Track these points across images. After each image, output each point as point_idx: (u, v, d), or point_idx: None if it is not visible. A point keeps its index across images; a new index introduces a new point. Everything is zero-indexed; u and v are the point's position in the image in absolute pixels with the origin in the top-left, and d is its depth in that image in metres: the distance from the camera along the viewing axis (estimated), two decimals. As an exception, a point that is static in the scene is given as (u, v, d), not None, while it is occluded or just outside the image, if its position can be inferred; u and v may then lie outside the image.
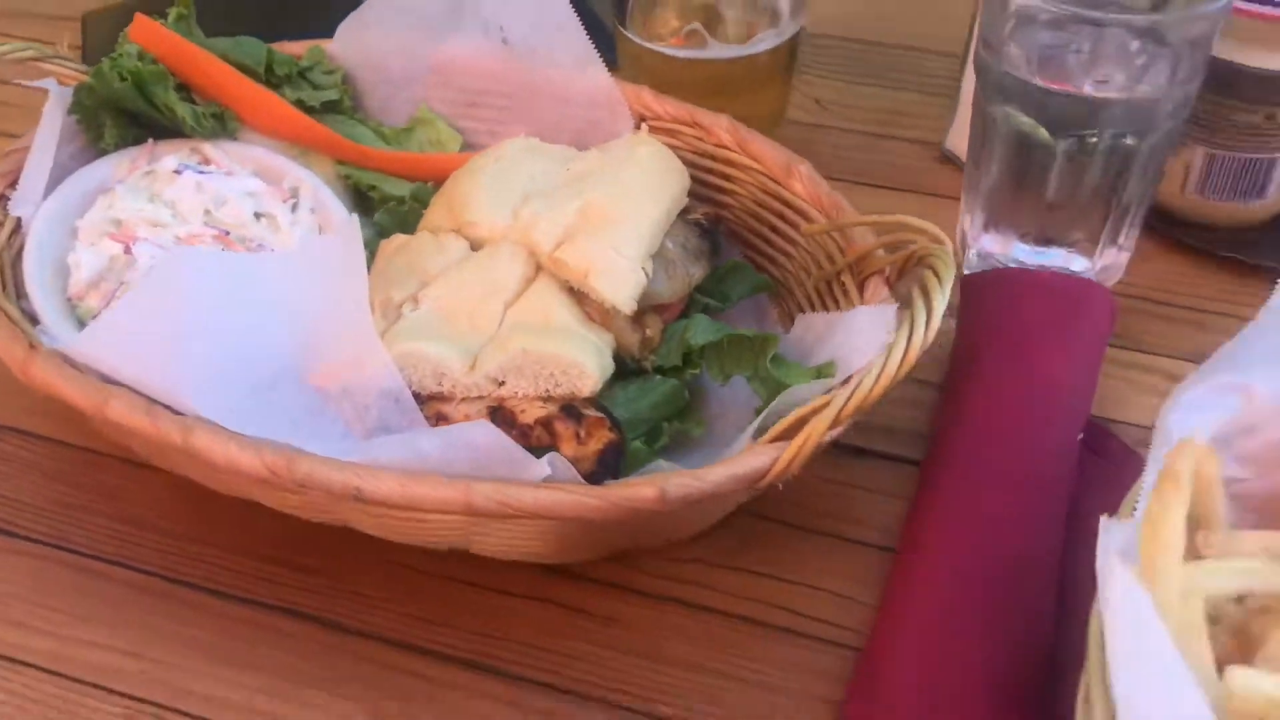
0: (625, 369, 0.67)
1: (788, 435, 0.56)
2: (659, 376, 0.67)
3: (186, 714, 0.58)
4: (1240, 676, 0.39)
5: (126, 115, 0.78)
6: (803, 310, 0.72)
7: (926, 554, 0.60)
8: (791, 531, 0.66)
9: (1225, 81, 0.75)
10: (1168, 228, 0.83)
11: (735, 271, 0.74)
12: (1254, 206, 0.80)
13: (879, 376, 0.55)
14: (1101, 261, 0.78)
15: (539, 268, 0.67)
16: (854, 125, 0.96)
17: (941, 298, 0.57)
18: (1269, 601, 0.46)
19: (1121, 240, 0.78)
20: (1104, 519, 0.42)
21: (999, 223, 0.80)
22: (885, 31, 1.06)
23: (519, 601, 0.63)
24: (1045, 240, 0.78)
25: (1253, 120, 0.76)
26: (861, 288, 0.67)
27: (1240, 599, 0.48)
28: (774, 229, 0.75)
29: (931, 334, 0.56)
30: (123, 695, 0.59)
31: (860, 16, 1.07)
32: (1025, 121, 0.72)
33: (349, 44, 0.84)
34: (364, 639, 0.61)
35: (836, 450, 0.69)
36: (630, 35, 0.83)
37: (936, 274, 0.59)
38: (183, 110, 0.76)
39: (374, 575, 0.64)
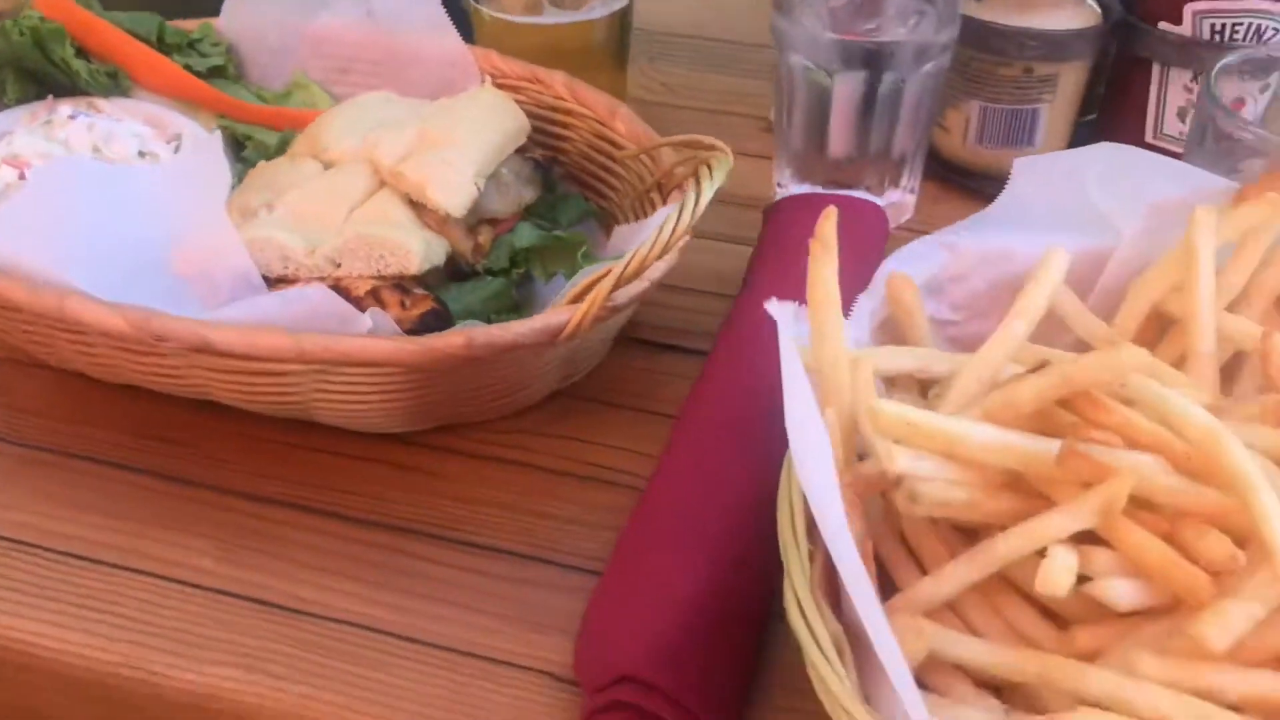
0: (461, 273, 0.77)
1: (581, 299, 0.66)
2: (490, 277, 0.77)
3: (61, 551, 0.67)
4: (883, 403, 0.49)
5: (28, 74, 0.87)
6: (621, 229, 0.82)
7: (692, 420, 0.69)
8: (604, 407, 0.76)
9: (987, 39, 0.87)
10: (954, 176, 0.95)
11: (566, 200, 0.84)
12: (1025, 154, 0.92)
13: (653, 245, 0.65)
14: (887, 201, 0.89)
15: (382, 183, 0.77)
16: (696, 104, 1.07)
17: (710, 184, 0.68)
18: (942, 389, 0.57)
19: (904, 183, 0.90)
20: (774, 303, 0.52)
21: (803, 173, 0.91)
22: (733, 30, 1.18)
23: (356, 462, 0.71)
24: (844, 186, 0.89)
25: (1013, 74, 0.88)
26: (666, 201, 0.78)
27: (926, 391, 0.58)
28: (603, 167, 0.86)
29: (700, 208, 0.67)
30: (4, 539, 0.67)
31: (711, 18, 1.20)
32: (813, 69, 0.84)
33: (233, 18, 0.94)
34: (219, 493, 0.70)
35: (646, 346, 0.80)
36: (481, 8, 0.95)
37: (710, 168, 0.69)
38: (78, 65, 0.86)
39: (231, 444, 0.72)
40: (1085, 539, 0.48)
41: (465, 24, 0.94)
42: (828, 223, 0.50)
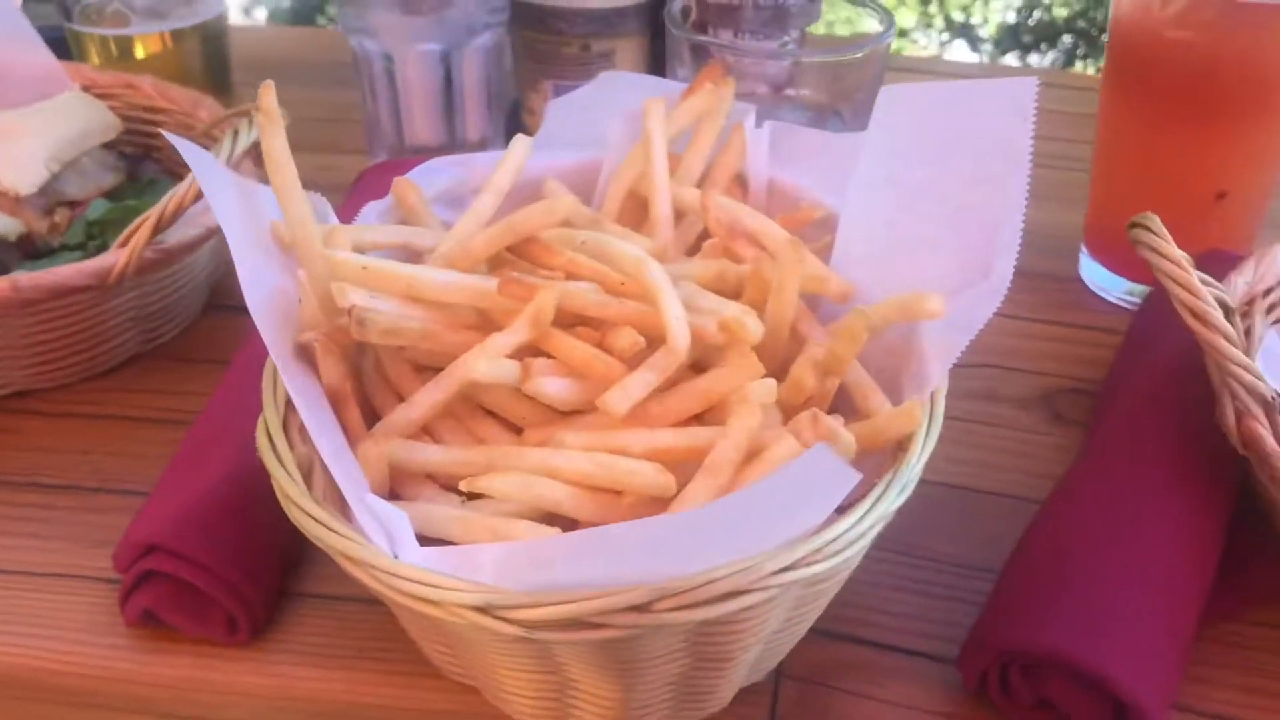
0: (39, 252, 0.80)
1: (125, 243, 0.71)
2: (67, 252, 0.80)
3: None
4: (341, 253, 0.55)
5: None
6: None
7: (241, 361, 0.74)
8: (188, 364, 0.80)
9: (544, 19, 0.97)
10: (542, 151, 1.03)
11: (154, 185, 0.88)
12: (599, 125, 1.02)
13: (188, 189, 0.71)
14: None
15: (-48, 172, 0.80)
16: (310, 115, 1.13)
17: (247, 134, 0.74)
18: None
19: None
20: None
21: (388, 152, 0.98)
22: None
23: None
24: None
25: (573, 51, 0.98)
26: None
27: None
28: (193, 156, 0.91)
29: (236, 154, 0.73)
30: None
31: (341, 46, 1.27)
32: (379, 50, 0.92)
33: None
34: None
35: (237, 310, 0.83)
36: (76, 27, 0.99)
37: (249, 122, 0.76)
38: None
39: None
40: (532, 355, 0.55)
41: (63, 47, 0.99)
42: (268, 94, 0.56)
